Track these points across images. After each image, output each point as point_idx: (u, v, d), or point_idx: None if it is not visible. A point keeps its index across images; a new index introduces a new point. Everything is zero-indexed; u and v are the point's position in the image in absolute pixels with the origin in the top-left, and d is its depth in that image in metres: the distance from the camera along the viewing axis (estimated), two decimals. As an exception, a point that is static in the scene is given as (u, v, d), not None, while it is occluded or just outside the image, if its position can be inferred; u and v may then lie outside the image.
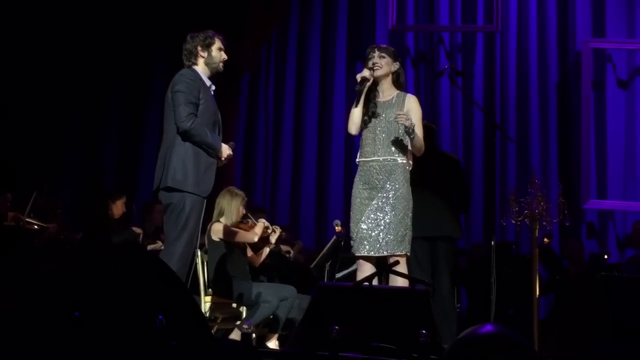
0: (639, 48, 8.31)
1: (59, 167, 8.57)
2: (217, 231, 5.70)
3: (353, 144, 7.65)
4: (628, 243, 7.94)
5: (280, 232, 6.00)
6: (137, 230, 6.70)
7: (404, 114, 4.27)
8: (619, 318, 3.31)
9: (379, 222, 4.32)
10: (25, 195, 6.42)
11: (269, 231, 5.86)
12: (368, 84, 4.44)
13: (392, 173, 4.35)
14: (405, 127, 4.25)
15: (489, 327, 1.75)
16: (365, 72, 4.44)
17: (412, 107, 4.44)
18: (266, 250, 6.10)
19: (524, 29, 8.58)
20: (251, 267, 6.02)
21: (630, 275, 6.17)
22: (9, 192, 6.67)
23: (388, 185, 4.34)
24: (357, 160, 4.51)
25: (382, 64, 4.45)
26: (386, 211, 4.32)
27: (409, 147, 4.40)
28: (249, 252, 6.05)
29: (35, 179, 7.08)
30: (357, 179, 4.46)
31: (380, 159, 4.38)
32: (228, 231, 5.70)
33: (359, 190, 4.43)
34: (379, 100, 4.49)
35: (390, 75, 4.50)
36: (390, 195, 4.33)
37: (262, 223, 5.81)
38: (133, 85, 8.80)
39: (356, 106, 4.46)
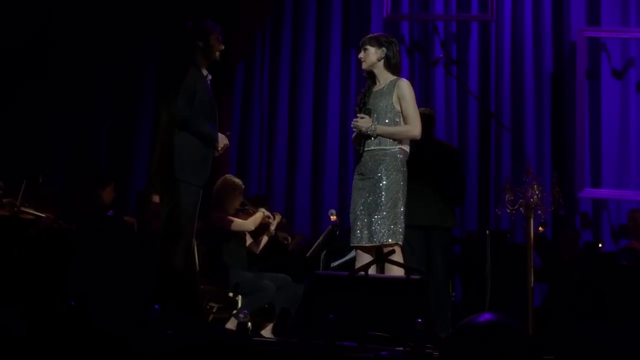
0: (633, 37, 8.31)
1: (50, 156, 8.51)
2: (215, 219, 5.70)
3: (348, 132, 7.64)
4: (622, 232, 7.96)
5: (281, 218, 6.03)
6: (130, 219, 6.69)
7: (355, 121, 4.40)
8: (614, 306, 3.33)
9: (371, 212, 4.33)
10: (16, 185, 6.36)
11: (269, 220, 5.88)
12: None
13: (381, 162, 4.36)
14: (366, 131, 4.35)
15: (487, 316, 1.75)
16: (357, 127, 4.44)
17: (401, 93, 4.44)
18: (265, 238, 6.12)
19: (519, 18, 8.56)
20: (249, 255, 6.03)
21: (624, 263, 6.19)
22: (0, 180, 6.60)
23: (378, 175, 4.35)
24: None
25: (365, 57, 4.49)
26: (377, 201, 4.33)
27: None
28: (248, 240, 6.05)
29: (26, 169, 7.03)
30: (355, 169, 4.52)
31: (372, 148, 4.39)
32: (226, 220, 5.70)
33: (355, 180, 4.49)
34: (374, 89, 4.50)
35: (381, 62, 4.50)
36: (380, 185, 4.33)
37: (261, 213, 5.83)
38: (125, 74, 8.72)
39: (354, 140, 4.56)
